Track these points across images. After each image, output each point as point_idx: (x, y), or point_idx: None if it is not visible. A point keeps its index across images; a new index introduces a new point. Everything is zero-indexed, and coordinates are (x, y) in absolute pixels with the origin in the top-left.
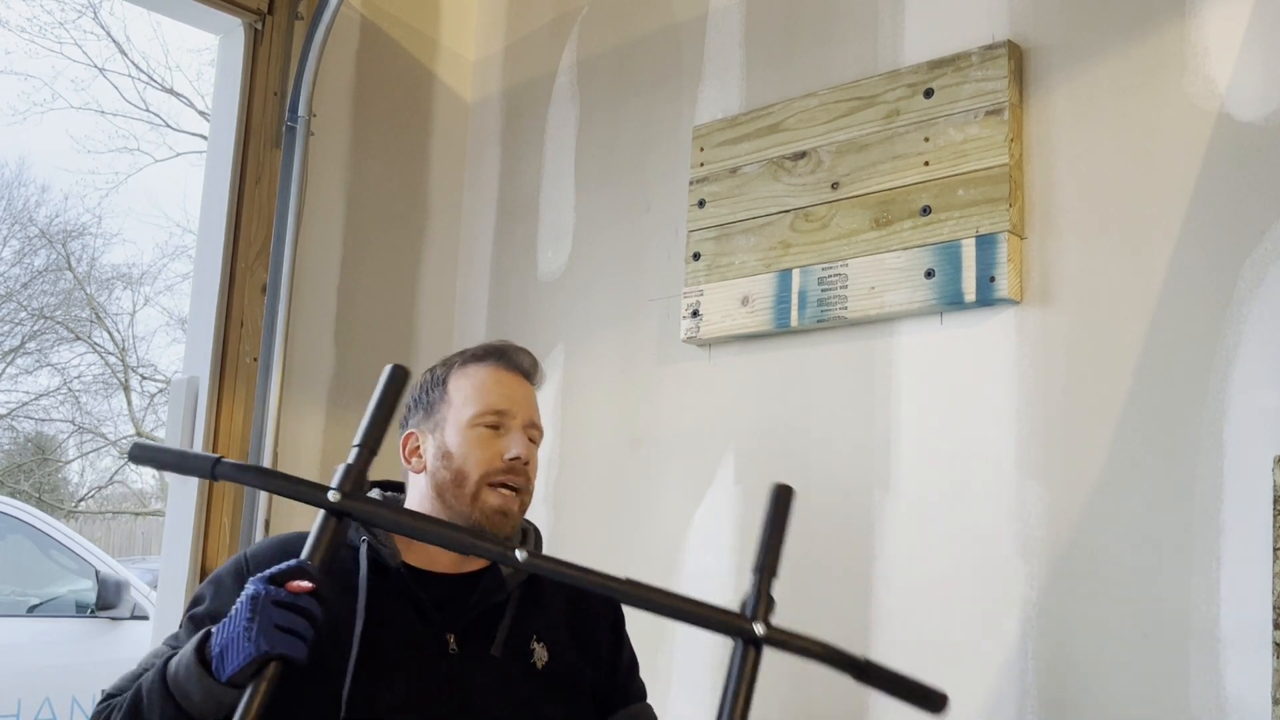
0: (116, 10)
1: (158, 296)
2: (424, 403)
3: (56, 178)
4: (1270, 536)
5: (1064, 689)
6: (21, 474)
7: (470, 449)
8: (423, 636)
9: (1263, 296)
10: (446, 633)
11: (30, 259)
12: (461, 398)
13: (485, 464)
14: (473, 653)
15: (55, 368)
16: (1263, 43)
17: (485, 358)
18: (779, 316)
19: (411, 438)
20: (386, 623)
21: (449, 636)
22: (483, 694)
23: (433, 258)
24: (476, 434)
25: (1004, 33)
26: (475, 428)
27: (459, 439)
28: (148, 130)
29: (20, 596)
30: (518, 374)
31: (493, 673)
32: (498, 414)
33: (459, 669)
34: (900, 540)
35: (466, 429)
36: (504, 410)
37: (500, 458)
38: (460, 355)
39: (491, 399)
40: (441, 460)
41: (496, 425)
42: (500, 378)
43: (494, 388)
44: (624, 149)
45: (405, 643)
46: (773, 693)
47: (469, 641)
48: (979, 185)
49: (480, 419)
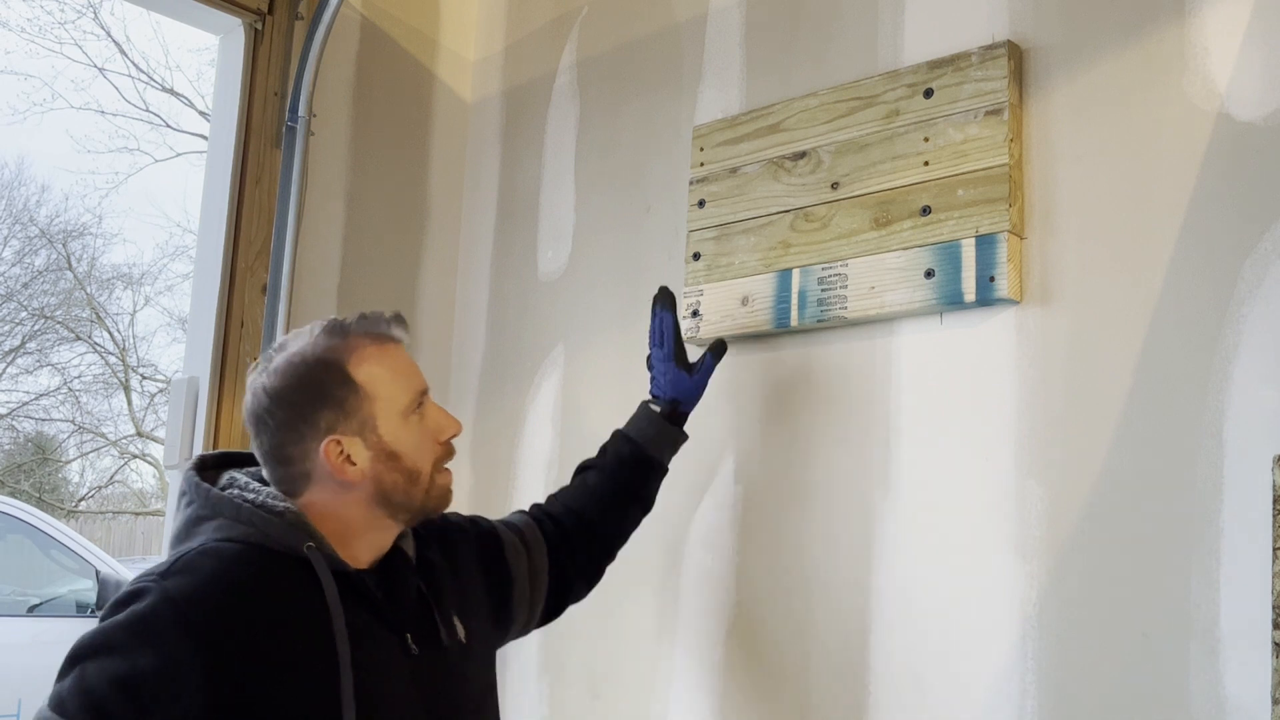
0: (116, 10)
1: (158, 296)
2: (333, 402)
3: (56, 178)
4: (1270, 536)
5: (1063, 689)
6: (22, 474)
7: (418, 442)
8: (390, 643)
9: (1263, 296)
10: (404, 633)
11: (30, 259)
12: (383, 387)
13: (430, 451)
14: (428, 649)
15: (55, 368)
16: (1263, 43)
17: (369, 333)
18: (779, 316)
19: (335, 445)
20: (357, 638)
21: (406, 636)
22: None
23: (433, 258)
24: (414, 424)
25: (1004, 33)
26: (410, 417)
27: (402, 434)
28: (148, 130)
29: (20, 596)
30: (400, 339)
31: (446, 663)
32: (420, 394)
33: (423, 670)
34: (899, 540)
35: (404, 421)
36: (422, 389)
37: (437, 440)
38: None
39: (412, 380)
40: (388, 462)
41: (420, 407)
42: (397, 351)
43: (403, 365)
44: (624, 149)
45: (381, 655)
46: (773, 692)
47: (420, 638)
48: (979, 185)
49: (412, 407)
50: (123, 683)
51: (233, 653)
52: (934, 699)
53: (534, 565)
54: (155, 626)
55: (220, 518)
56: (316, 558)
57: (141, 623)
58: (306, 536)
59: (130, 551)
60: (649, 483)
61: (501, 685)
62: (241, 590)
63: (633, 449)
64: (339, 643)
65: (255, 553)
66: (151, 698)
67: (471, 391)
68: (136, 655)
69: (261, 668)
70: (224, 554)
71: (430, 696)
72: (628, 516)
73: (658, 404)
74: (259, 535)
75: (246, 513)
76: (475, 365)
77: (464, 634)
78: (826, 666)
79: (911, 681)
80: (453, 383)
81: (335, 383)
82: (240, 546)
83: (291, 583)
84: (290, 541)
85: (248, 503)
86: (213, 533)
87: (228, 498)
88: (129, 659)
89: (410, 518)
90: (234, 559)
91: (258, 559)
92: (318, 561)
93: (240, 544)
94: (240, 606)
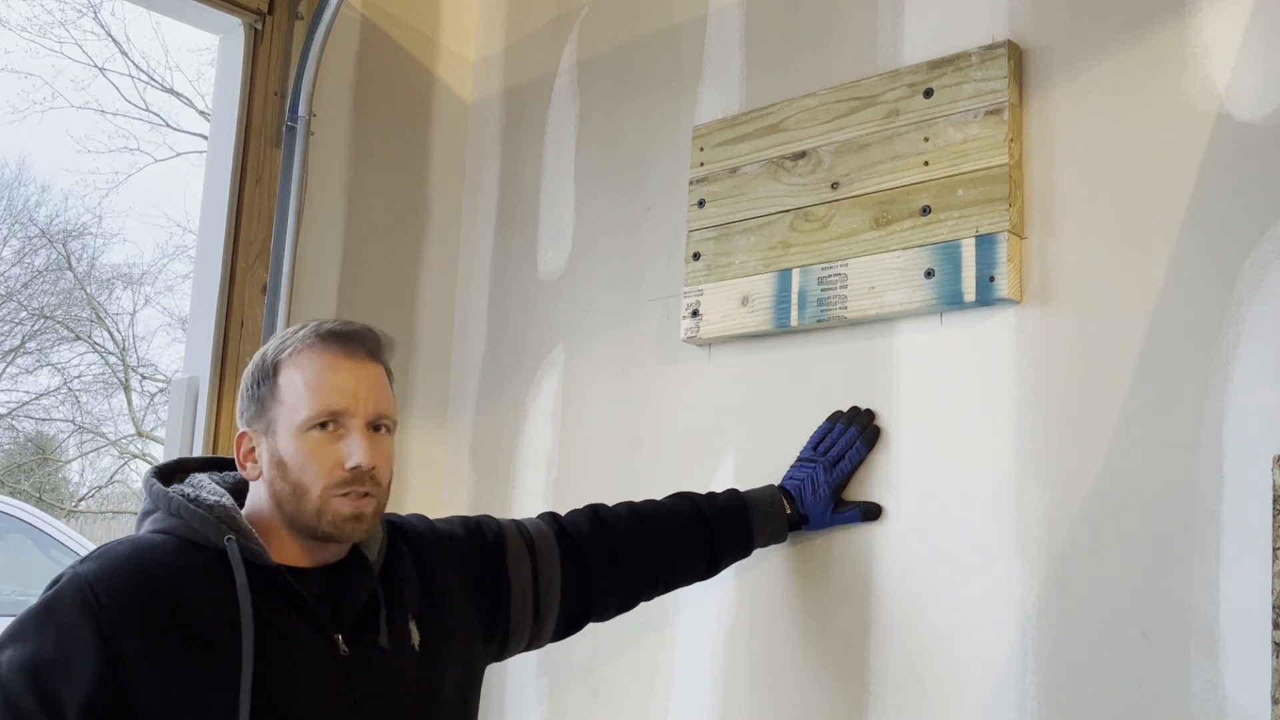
0: (116, 10)
1: (158, 296)
2: (255, 396)
3: (56, 178)
4: (1270, 536)
5: (1063, 689)
6: (21, 474)
7: (306, 459)
8: (312, 641)
9: (1263, 296)
10: (334, 633)
11: (30, 259)
12: (293, 396)
13: (325, 475)
14: (361, 652)
15: (55, 367)
16: (1262, 43)
17: (319, 342)
18: (779, 316)
19: (244, 439)
20: (273, 632)
21: (337, 637)
22: (381, 694)
23: (433, 258)
24: (312, 440)
25: (1004, 33)
26: (309, 432)
27: (292, 447)
28: (148, 130)
29: (20, 596)
30: (359, 357)
31: (384, 669)
32: (333, 415)
33: (354, 672)
34: (899, 539)
35: (299, 436)
36: (340, 410)
37: (341, 466)
38: (296, 333)
39: (326, 398)
40: (277, 469)
41: (334, 428)
42: (336, 366)
43: (329, 381)
44: (624, 149)
45: (297, 651)
46: (773, 692)
47: (356, 640)
48: (979, 185)
49: (314, 422)
50: (26, 667)
51: (130, 635)
52: (934, 699)
53: (541, 575)
54: (58, 609)
55: (158, 511)
56: (233, 550)
57: (47, 608)
58: (229, 530)
59: None
60: (727, 545)
61: (501, 685)
62: (148, 576)
63: (737, 506)
64: (244, 634)
65: (177, 543)
66: (50, 681)
67: (471, 391)
68: (41, 639)
69: (160, 652)
70: (142, 543)
71: (360, 698)
72: (685, 559)
73: (789, 504)
74: (184, 527)
75: (176, 505)
76: (475, 365)
77: (418, 640)
78: (826, 666)
79: (911, 681)
80: (453, 382)
81: (261, 380)
82: (164, 537)
83: (205, 573)
84: (210, 534)
85: (183, 496)
86: (149, 525)
87: (166, 493)
88: (34, 643)
89: (309, 534)
90: (150, 547)
91: (177, 548)
92: (233, 554)
93: (165, 535)
94: (144, 591)
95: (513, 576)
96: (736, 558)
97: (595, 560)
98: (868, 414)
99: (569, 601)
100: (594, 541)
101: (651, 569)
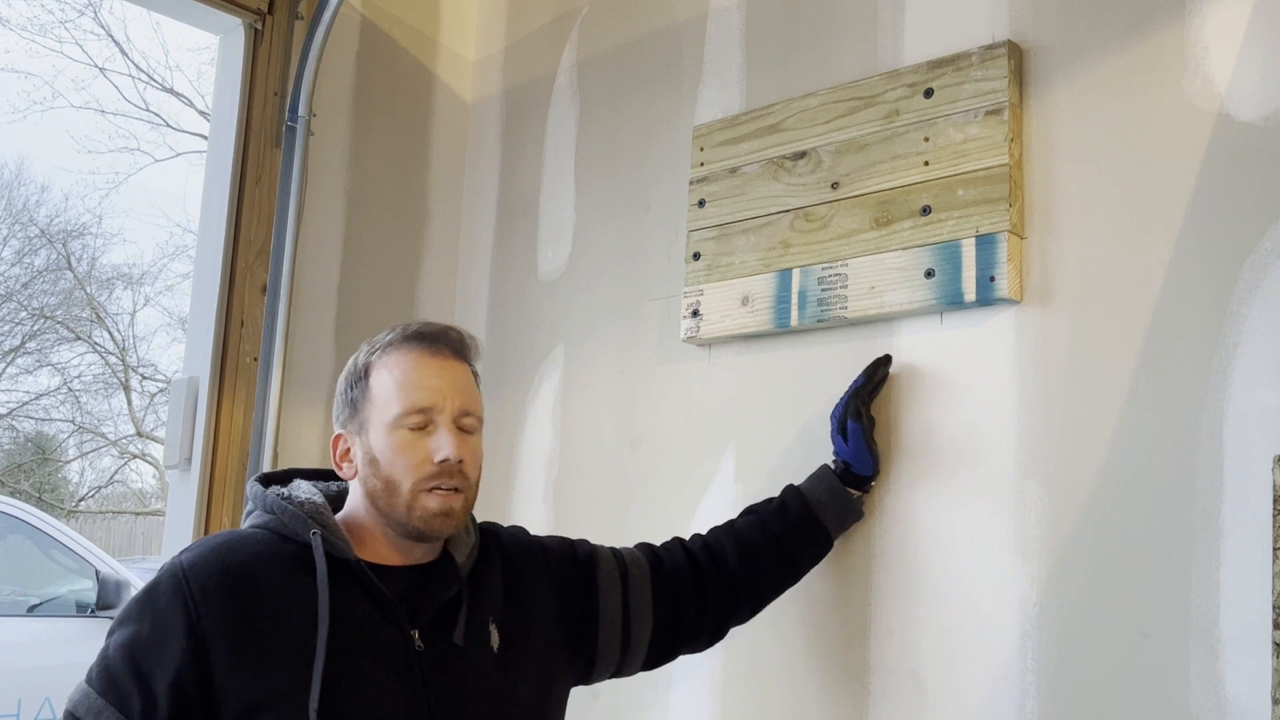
0: (116, 10)
1: (158, 296)
2: (348, 399)
3: (56, 178)
4: (1270, 536)
5: (1063, 689)
6: (21, 474)
7: (397, 455)
8: (388, 635)
9: (1263, 296)
10: (411, 629)
11: (30, 259)
12: (384, 394)
13: (415, 470)
14: (437, 648)
15: (55, 367)
16: (1263, 43)
17: (405, 343)
18: (779, 316)
19: (340, 440)
20: (350, 623)
21: (414, 633)
22: (452, 690)
23: (433, 258)
24: (401, 437)
25: (1004, 33)
26: (399, 430)
27: (384, 444)
28: (148, 130)
29: (20, 596)
30: (444, 356)
31: (459, 666)
32: (422, 412)
33: (427, 667)
34: (899, 539)
35: (390, 432)
36: (428, 407)
37: (430, 461)
38: (384, 337)
39: (415, 395)
40: (370, 467)
41: (423, 425)
42: (424, 365)
43: (417, 380)
44: (624, 149)
45: (371, 643)
46: (774, 692)
47: (432, 637)
48: (979, 185)
49: (404, 420)
50: (127, 647)
51: (214, 618)
52: (934, 699)
53: (631, 602)
54: (156, 594)
55: (256, 510)
56: (317, 543)
57: (149, 592)
58: (316, 525)
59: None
60: (804, 546)
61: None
62: (236, 563)
63: (799, 505)
64: (320, 622)
65: (268, 536)
66: (146, 660)
67: None
68: (140, 621)
69: (241, 634)
70: (236, 535)
71: (431, 691)
72: (769, 571)
73: (835, 463)
74: (275, 522)
75: (270, 502)
76: None
77: (497, 643)
78: (826, 666)
79: (911, 681)
80: None
81: (354, 383)
82: (257, 531)
83: (291, 564)
84: (298, 528)
85: (279, 496)
86: (247, 522)
87: (263, 492)
88: (136, 626)
89: (401, 531)
90: (242, 538)
91: (267, 540)
92: (316, 546)
93: (259, 529)
94: (231, 578)
95: (603, 596)
96: (820, 559)
97: (687, 590)
98: (882, 356)
99: (660, 629)
100: (687, 573)
101: (737, 601)
